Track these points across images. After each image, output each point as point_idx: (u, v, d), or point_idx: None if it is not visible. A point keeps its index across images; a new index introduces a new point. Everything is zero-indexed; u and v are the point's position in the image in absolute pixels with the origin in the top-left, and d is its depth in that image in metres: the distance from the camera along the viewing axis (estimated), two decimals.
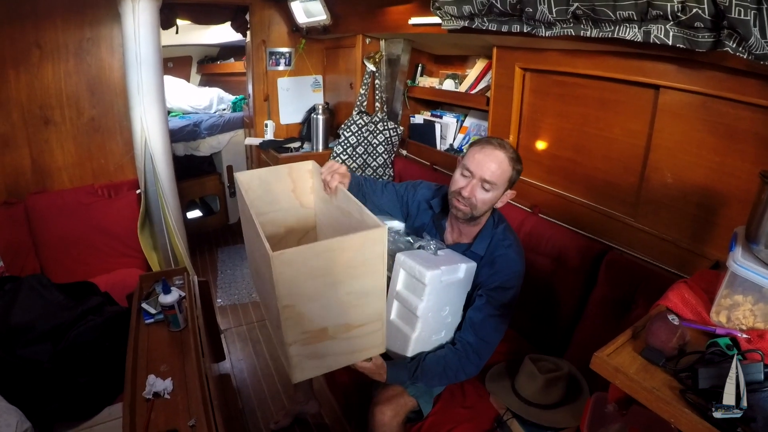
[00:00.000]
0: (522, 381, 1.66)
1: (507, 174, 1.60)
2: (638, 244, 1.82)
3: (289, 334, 1.26)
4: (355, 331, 1.38)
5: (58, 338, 1.83)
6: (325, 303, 1.28)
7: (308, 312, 1.26)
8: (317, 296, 1.26)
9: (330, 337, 1.34)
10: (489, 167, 1.57)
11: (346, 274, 1.27)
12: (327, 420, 2.48)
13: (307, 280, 1.22)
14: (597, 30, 1.50)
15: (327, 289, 1.26)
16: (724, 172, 1.53)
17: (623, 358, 0.99)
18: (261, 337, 3.16)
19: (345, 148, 3.27)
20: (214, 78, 5.97)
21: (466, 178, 1.62)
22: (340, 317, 1.33)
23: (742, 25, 1.10)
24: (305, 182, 1.75)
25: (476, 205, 1.62)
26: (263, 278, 1.34)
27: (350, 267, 1.26)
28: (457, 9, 1.93)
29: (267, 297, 1.40)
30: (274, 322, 1.34)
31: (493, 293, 1.63)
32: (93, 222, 2.93)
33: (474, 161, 1.60)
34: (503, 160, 1.58)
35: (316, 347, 1.34)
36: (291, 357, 1.31)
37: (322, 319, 1.30)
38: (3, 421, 1.46)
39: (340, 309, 1.31)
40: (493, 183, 1.59)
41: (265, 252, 1.14)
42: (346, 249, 1.23)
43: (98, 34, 2.96)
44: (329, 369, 1.44)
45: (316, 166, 1.70)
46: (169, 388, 1.51)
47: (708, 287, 1.16)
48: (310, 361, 1.36)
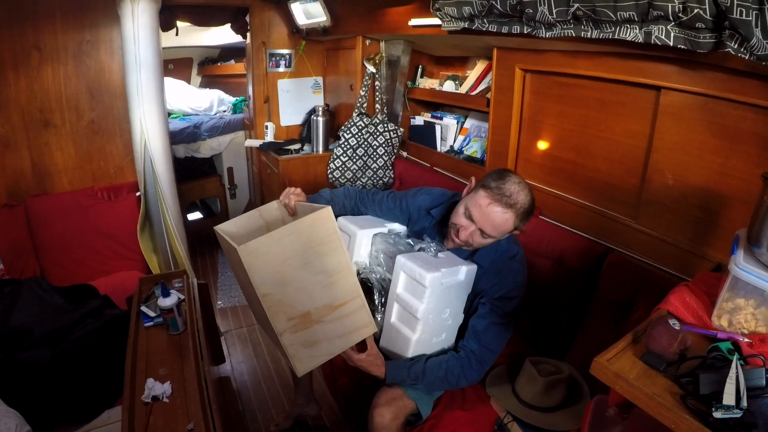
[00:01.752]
0: (522, 384, 1.66)
1: (510, 229, 1.59)
2: (639, 245, 1.81)
3: (277, 322, 1.38)
4: (338, 311, 1.49)
5: (58, 342, 1.82)
6: (298, 285, 1.40)
7: (287, 297, 1.38)
8: (290, 280, 1.38)
9: (316, 321, 1.44)
10: (492, 225, 1.56)
11: (309, 254, 1.40)
12: (327, 422, 2.47)
13: (276, 266, 1.34)
14: (598, 31, 1.49)
15: (297, 271, 1.38)
16: (726, 173, 1.52)
17: (623, 363, 0.98)
18: (261, 340, 3.15)
19: (345, 149, 3.26)
20: (215, 80, 5.99)
21: (467, 220, 1.60)
22: (318, 298, 1.44)
23: (744, 25, 1.09)
24: (274, 216, 1.84)
25: (472, 245, 1.64)
26: (243, 283, 1.45)
27: (310, 247, 1.40)
28: (457, 10, 1.93)
29: (252, 299, 1.47)
30: (263, 319, 1.43)
31: (497, 302, 1.63)
32: (93, 224, 2.93)
33: (479, 211, 1.57)
34: (509, 220, 1.56)
35: (306, 333, 1.44)
36: (286, 348, 1.40)
37: (301, 303, 1.41)
38: (2, 424, 1.46)
39: (315, 290, 1.43)
40: (494, 236, 1.60)
41: (234, 249, 1.29)
42: (301, 231, 1.38)
43: (98, 36, 2.96)
44: (328, 356, 1.52)
45: (279, 202, 1.83)
46: (168, 392, 1.51)
47: (709, 290, 1.15)
48: (306, 350, 1.44)
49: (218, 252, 4.46)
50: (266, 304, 1.34)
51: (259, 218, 1.81)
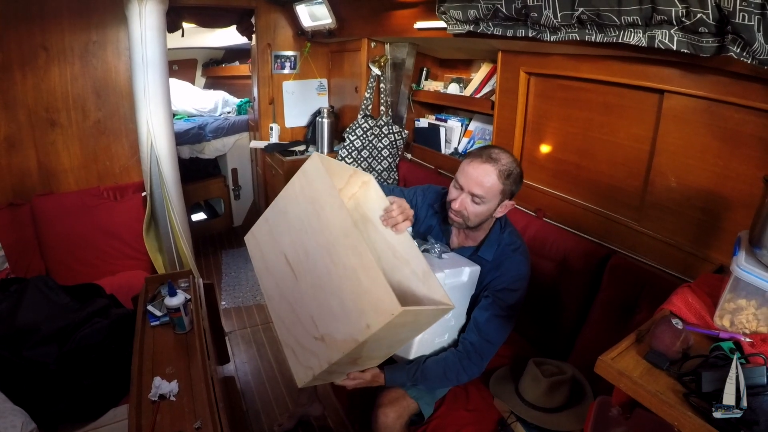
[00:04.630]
0: (526, 384, 1.66)
1: (497, 187, 1.57)
2: (642, 248, 1.82)
3: (341, 360, 1.27)
4: None
5: (64, 340, 1.84)
6: (381, 344, 1.36)
7: (366, 348, 1.28)
8: (385, 342, 1.36)
9: (356, 364, 1.46)
10: (477, 181, 1.56)
11: (413, 327, 1.39)
12: (331, 422, 2.48)
13: (394, 332, 1.28)
14: (602, 35, 1.50)
15: (394, 336, 1.35)
16: (729, 176, 1.53)
17: (627, 362, 0.99)
18: (265, 340, 3.16)
19: (350, 151, 3.28)
20: (219, 81, 6.00)
21: (457, 190, 1.62)
22: (374, 361, 1.51)
23: (746, 30, 1.10)
24: (351, 189, 1.66)
25: (468, 217, 1.63)
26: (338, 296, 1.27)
27: (420, 326, 1.41)
28: (462, 14, 1.94)
29: (325, 308, 1.31)
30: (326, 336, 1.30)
31: (499, 294, 1.64)
32: (98, 224, 2.94)
33: (463, 174, 1.59)
34: (491, 173, 1.55)
35: (341, 368, 1.41)
36: (319, 372, 1.31)
37: (369, 356, 1.41)
38: (9, 422, 1.47)
39: (381, 351, 1.45)
40: (482, 197, 1.57)
41: (377, 294, 1.15)
42: (431, 315, 1.35)
43: (104, 37, 2.98)
44: (327, 381, 1.59)
45: (375, 184, 1.61)
46: (175, 391, 1.52)
47: (712, 291, 1.16)
48: (325, 375, 1.39)
49: (222, 253, 4.47)
50: (353, 347, 1.22)
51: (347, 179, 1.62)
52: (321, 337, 1.30)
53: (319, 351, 1.30)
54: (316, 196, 1.35)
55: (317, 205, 1.34)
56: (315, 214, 1.34)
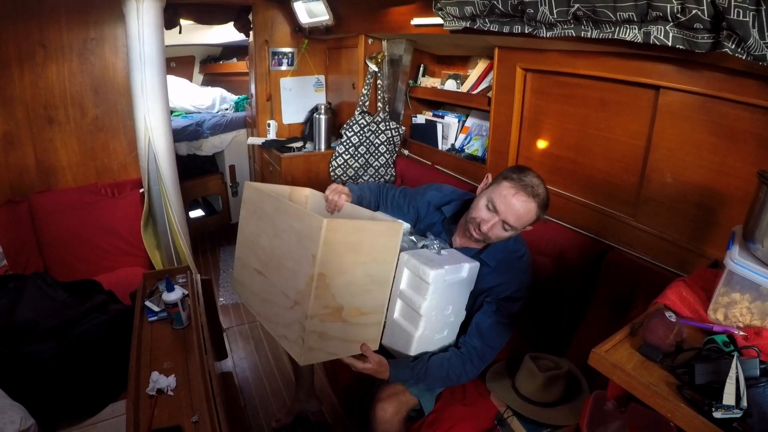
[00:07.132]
0: (522, 379, 1.68)
1: (531, 220, 1.62)
2: (638, 243, 1.83)
3: (315, 305, 1.36)
4: (361, 318, 1.54)
5: (62, 336, 1.84)
6: (349, 279, 1.42)
7: (335, 285, 1.39)
8: (345, 270, 1.40)
9: (342, 319, 1.47)
10: (517, 215, 1.58)
11: (369, 256, 1.45)
12: (328, 418, 2.49)
13: (342, 253, 1.37)
14: (597, 31, 1.51)
15: (353, 266, 1.42)
16: (724, 172, 1.54)
17: (621, 355, 1.00)
18: (263, 336, 3.17)
19: (347, 147, 3.28)
20: (217, 78, 5.99)
21: (489, 212, 1.61)
22: (355, 299, 1.48)
23: (741, 26, 1.11)
24: (301, 203, 1.83)
25: (491, 238, 1.65)
26: (291, 255, 1.43)
27: (373, 250, 1.46)
28: (458, 10, 1.94)
29: (288, 275, 1.45)
30: (296, 296, 1.41)
31: (503, 303, 1.66)
32: (96, 221, 2.94)
33: (503, 202, 1.58)
34: (533, 210, 1.59)
35: (328, 326, 1.45)
36: (307, 333, 1.38)
37: (342, 296, 1.43)
38: (7, 417, 1.47)
39: (357, 289, 1.47)
40: (515, 228, 1.61)
41: (308, 223, 1.33)
42: (374, 232, 1.44)
43: (102, 34, 2.97)
44: (330, 356, 1.54)
45: (313, 191, 1.83)
46: (173, 385, 1.52)
47: (706, 285, 1.17)
48: (318, 342, 1.44)
49: (220, 249, 4.48)
50: (316, 283, 1.33)
51: (288, 196, 1.79)
52: (294, 301, 1.42)
53: (298, 314, 1.41)
54: (266, 211, 1.56)
55: (268, 218, 1.54)
56: (269, 222, 1.54)
